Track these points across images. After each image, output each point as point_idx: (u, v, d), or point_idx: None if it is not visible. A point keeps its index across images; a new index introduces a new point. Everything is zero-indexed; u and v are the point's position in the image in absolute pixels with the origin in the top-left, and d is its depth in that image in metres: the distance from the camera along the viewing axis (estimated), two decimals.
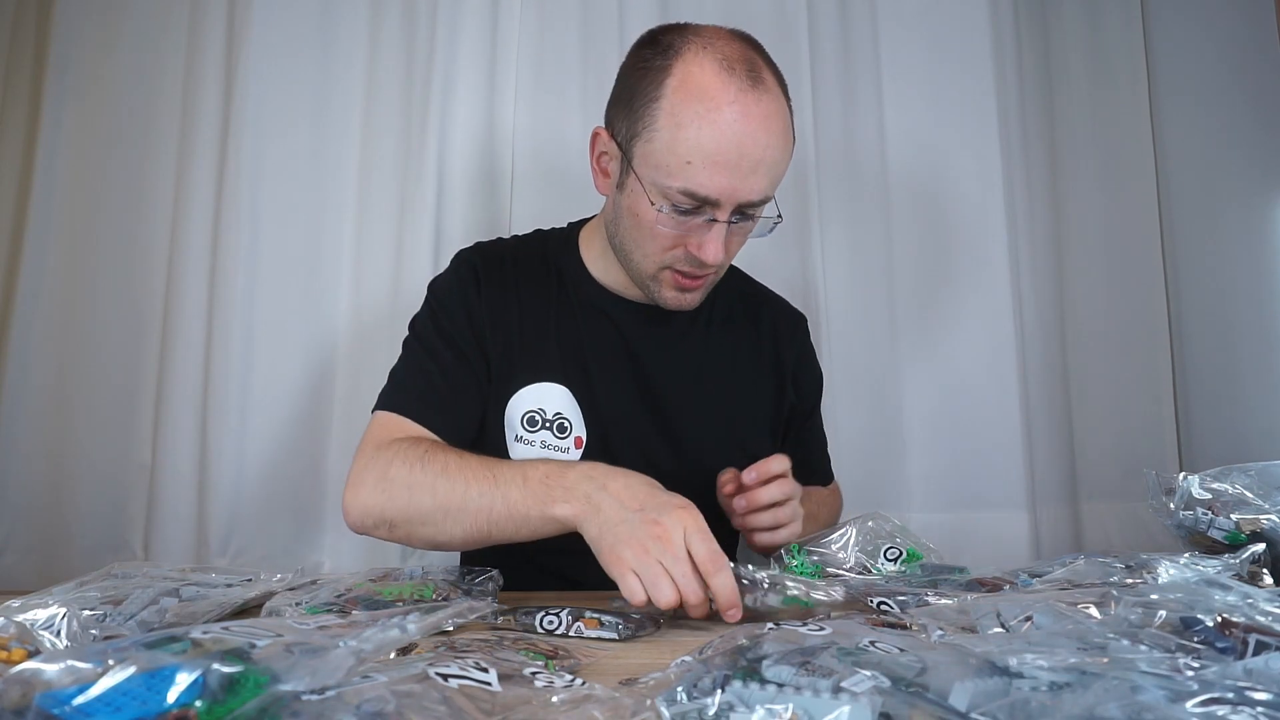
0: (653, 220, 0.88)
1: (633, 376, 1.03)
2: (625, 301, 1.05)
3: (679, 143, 0.84)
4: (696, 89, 0.83)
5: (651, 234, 0.90)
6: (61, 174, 1.42)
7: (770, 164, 0.85)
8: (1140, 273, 1.59)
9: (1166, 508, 0.88)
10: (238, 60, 1.43)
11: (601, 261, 1.05)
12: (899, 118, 1.55)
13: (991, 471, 1.49)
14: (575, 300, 1.05)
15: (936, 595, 0.71)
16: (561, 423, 0.98)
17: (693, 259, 0.90)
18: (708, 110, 0.83)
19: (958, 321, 1.53)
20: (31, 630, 0.57)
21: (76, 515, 1.37)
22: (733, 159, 0.83)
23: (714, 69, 0.84)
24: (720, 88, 0.83)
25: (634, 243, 0.94)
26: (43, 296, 1.39)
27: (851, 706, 0.39)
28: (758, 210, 0.89)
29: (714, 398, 1.05)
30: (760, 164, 0.84)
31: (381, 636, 0.43)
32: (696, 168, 0.83)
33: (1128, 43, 1.62)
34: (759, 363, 1.10)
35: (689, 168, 0.84)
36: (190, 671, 0.37)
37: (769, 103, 0.85)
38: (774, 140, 0.85)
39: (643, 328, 1.04)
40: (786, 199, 1.51)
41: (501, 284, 1.02)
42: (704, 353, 1.07)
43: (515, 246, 1.10)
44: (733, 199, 0.85)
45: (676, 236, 0.90)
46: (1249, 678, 0.42)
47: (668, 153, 0.85)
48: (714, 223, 0.87)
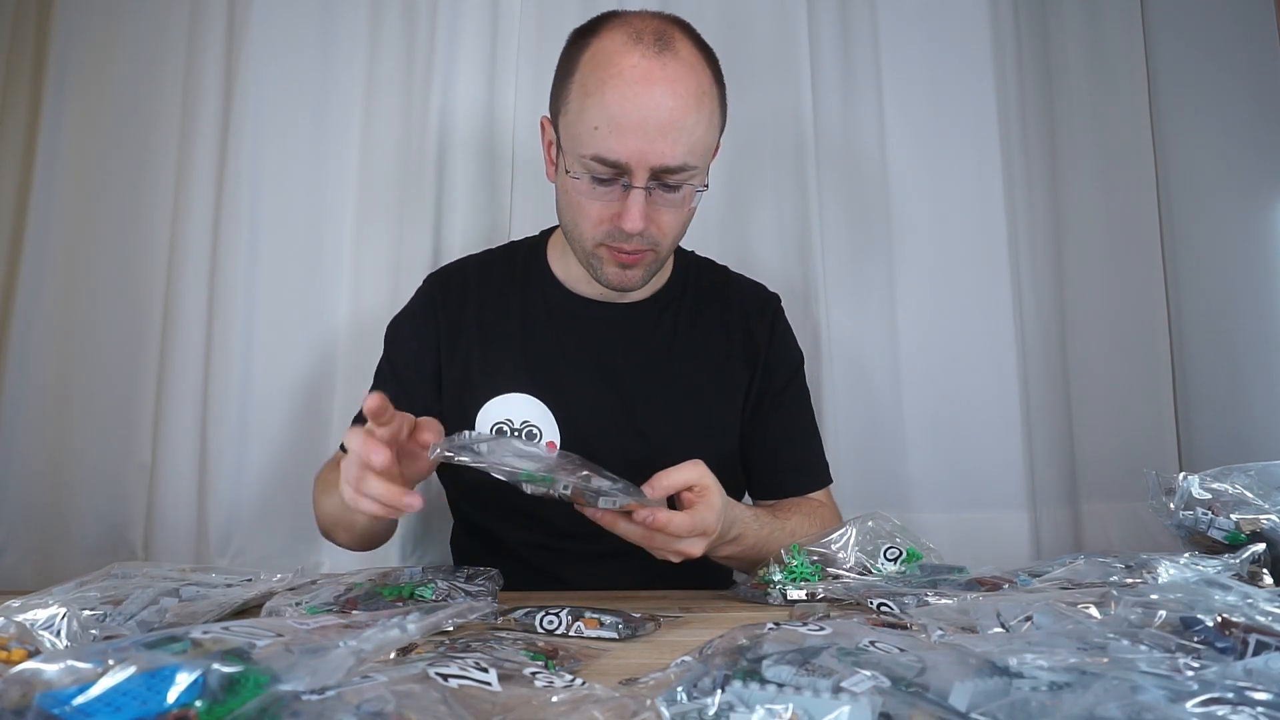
0: (577, 193, 0.90)
1: (603, 378, 1.03)
2: (592, 302, 1.06)
3: (586, 110, 0.86)
4: (603, 58, 0.86)
5: (580, 209, 0.92)
6: (61, 174, 1.42)
7: (681, 129, 0.85)
8: (1140, 273, 1.59)
9: (1166, 508, 0.88)
10: (238, 60, 1.43)
11: (563, 262, 1.07)
12: (899, 115, 1.55)
13: (991, 471, 1.49)
14: (542, 307, 1.06)
15: (936, 595, 0.71)
16: (530, 430, 0.99)
17: (621, 232, 0.90)
18: (610, 76, 0.84)
19: (958, 321, 1.52)
20: (31, 630, 0.57)
21: (76, 515, 1.37)
22: (636, 121, 0.83)
23: (621, 40, 0.86)
24: (623, 55, 0.85)
25: (571, 222, 0.95)
26: (43, 296, 1.39)
27: (851, 706, 0.39)
28: (678, 178, 0.88)
29: (687, 391, 1.05)
30: (669, 128, 0.84)
31: (381, 636, 0.43)
32: (603, 132, 0.84)
33: (1127, 42, 1.62)
34: (730, 350, 1.08)
35: (596, 133, 0.85)
36: (190, 671, 0.37)
37: (676, 67, 0.85)
38: (682, 104, 0.85)
39: (611, 327, 1.05)
40: (786, 195, 1.51)
41: (460, 305, 1.06)
42: (674, 347, 1.06)
43: (479, 265, 1.12)
44: (643, 162, 0.85)
45: (602, 209, 0.90)
46: (1249, 678, 0.42)
47: (579, 122, 0.87)
48: (630, 189, 0.87)
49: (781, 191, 1.52)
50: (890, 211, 1.54)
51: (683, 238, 1.00)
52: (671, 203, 0.91)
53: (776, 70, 1.52)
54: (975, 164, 1.54)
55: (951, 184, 1.55)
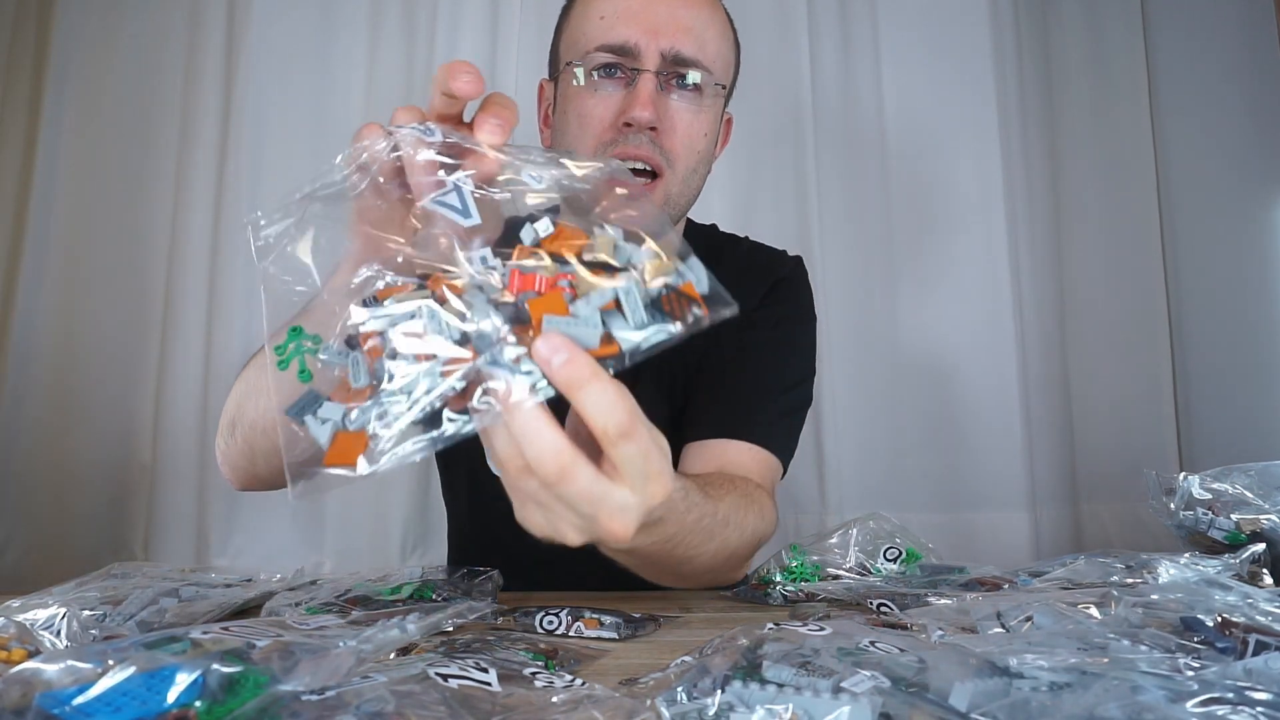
0: (580, 100, 0.82)
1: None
2: None
3: (590, 10, 0.82)
4: None
5: (583, 120, 0.82)
6: (61, 174, 1.42)
7: (694, 19, 0.81)
8: (1140, 273, 1.59)
9: (1167, 508, 0.88)
10: (238, 60, 1.43)
11: None
12: (899, 115, 1.55)
13: (991, 471, 1.49)
14: None
15: (936, 595, 0.71)
16: None
17: (628, 136, 0.80)
18: None
19: (958, 321, 1.52)
20: (31, 630, 0.57)
21: (76, 515, 1.38)
22: (648, 6, 0.80)
23: None
24: None
25: (573, 142, 0.85)
26: (43, 296, 1.39)
27: (851, 707, 0.39)
28: (692, 71, 0.81)
29: (685, 368, 0.97)
30: (680, 14, 0.80)
31: (381, 637, 0.43)
32: (609, 20, 0.80)
33: (1128, 41, 1.62)
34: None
35: (602, 23, 0.80)
36: (190, 672, 0.37)
37: None
38: (695, 9, 0.81)
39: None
40: (786, 194, 1.51)
41: None
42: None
43: None
44: (652, 43, 0.79)
45: (606, 108, 0.81)
46: (1249, 678, 0.42)
47: (582, 22, 0.82)
48: (639, 73, 0.79)
49: (781, 192, 1.52)
50: (891, 212, 1.54)
51: (701, 175, 0.87)
52: (687, 103, 0.82)
53: (776, 73, 1.52)
54: (976, 164, 1.54)
55: (952, 184, 1.55)
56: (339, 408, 0.44)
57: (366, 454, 0.42)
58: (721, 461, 0.84)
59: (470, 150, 0.48)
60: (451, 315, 0.42)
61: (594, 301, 0.42)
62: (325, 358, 0.46)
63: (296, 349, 0.48)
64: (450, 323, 0.42)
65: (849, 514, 1.04)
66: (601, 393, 0.41)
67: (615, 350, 0.41)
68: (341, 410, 0.43)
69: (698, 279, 0.44)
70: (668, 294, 0.42)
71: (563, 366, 0.40)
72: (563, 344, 0.40)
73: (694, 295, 0.43)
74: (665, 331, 0.42)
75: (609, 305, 0.42)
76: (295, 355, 0.48)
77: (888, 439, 1.50)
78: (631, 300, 0.42)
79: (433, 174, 0.48)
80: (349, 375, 0.44)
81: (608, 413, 0.41)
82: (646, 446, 0.43)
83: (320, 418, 0.44)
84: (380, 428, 0.42)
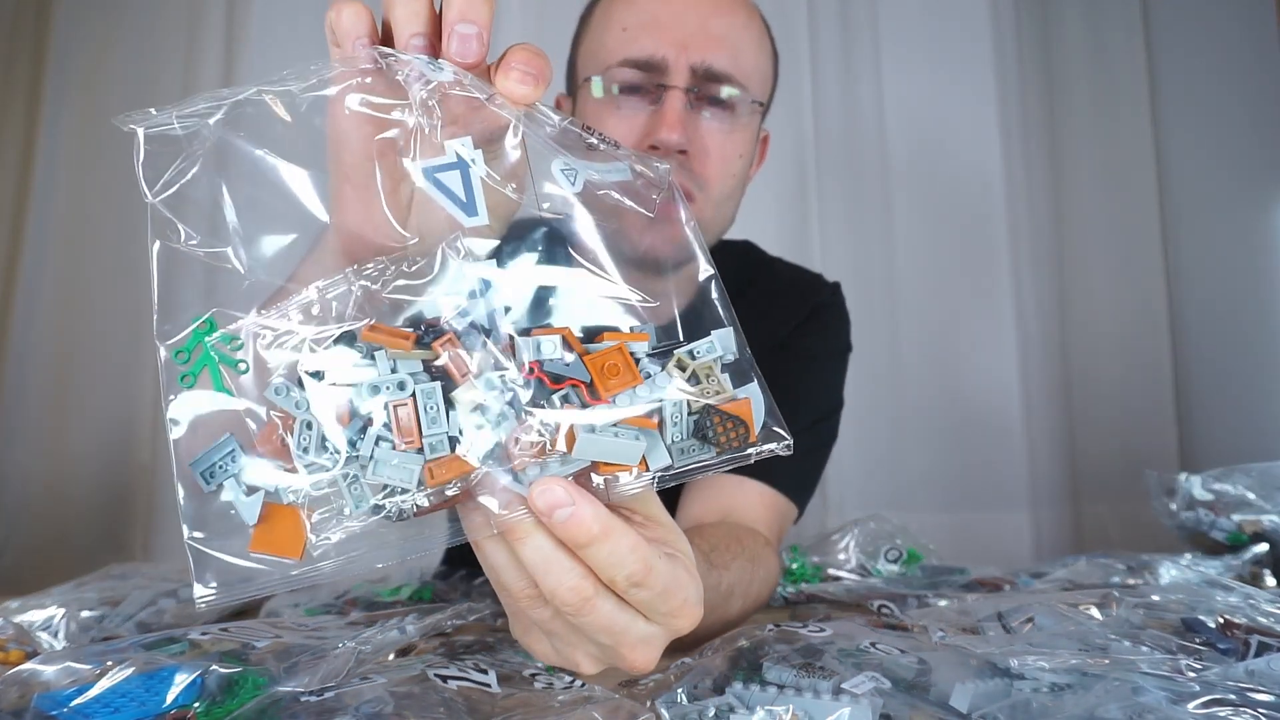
0: (600, 119, 0.73)
1: None
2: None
3: (612, 20, 0.74)
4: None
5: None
6: (61, 173, 1.42)
7: (727, 29, 0.73)
8: (1141, 273, 1.59)
9: (1168, 509, 0.88)
10: (237, 60, 1.43)
11: None
12: (899, 115, 1.55)
13: (992, 471, 1.49)
14: None
15: (937, 596, 0.71)
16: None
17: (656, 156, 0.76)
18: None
19: (959, 322, 1.52)
20: (30, 631, 0.57)
21: (75, 516, 1.37)
22: (673, 14, 0.72)
23: None
24: None
25: None
26: (42, 297, 1.39)
27: (852, 708, 0.39)
28: (726, 90, 0.72)
29: None
30: (711, 24, 0.72)
31: (381, 638, 0.43)
32: (633, 32, 0.72)
33: (1129, 42, 1.62)
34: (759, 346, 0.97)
35: (625, 35, 0.72)
36: (189, 673, 0.37)
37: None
38: (726, 6, 0.74)
39: None
40: (785, 195, 1.51)
41: None
42: None
43: None
44: (682, 56, 0.71)
45: (630, 126, 0.72)
46: (1250, 679, 0.42)
47: (603, 35, 0.75)
48: (666, 89, 0.71)
49: (782, 195, 1.52)
50: (891, 211, 1.54)
51: (736, 199, 0.80)
52: (720, 122, 0.73)
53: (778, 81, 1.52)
54: (976, 164, 1.54)
55: (953, 185, 1.55)
56: (272, 468, 0.32)
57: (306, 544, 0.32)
58: (729, 505, 0.73)
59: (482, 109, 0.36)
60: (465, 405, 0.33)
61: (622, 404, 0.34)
62: (272, 395, 0.33)
63: (206, 356, 0.34)
64: (456, 421, 0.32)
65: (849, 514, 1.04)
66: (610, 552, 0.34)
67: (644, 468, 0.35)
68: (281, 478, 0.32)
69: (755, 404, 0.36)
70: (718, 416, 0.35)
71: (567, 524, 0.33)
72: (564, 494, 0.33)
73: (748, 421, 0.35)
74: (706, 459, 0.35)
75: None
76: (205, 364, 0.34)
77: (888, 439, 1.50)
78: (677, 416, 0.35)
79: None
80: (290, 432, 0.32)
81: (616, 567, 0.35)
82: (666, 585, 0.37)
83: (243, 482, 0.32)
84: (329, 518, 0.32)
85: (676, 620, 0.38)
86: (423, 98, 0.36)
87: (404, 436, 0.32)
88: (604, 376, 0.34)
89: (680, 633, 0.39)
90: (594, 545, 0.34)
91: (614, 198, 0.38)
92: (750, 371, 0.37)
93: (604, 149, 0.38)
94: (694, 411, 0.35)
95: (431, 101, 0.36)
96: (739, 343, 0.37)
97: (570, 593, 0.35)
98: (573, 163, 0.37)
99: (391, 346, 0.33)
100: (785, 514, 0.78)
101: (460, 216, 0.35)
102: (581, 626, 0.36)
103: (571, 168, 0.37)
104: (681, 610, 0.38)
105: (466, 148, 0.36)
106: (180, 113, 0.36)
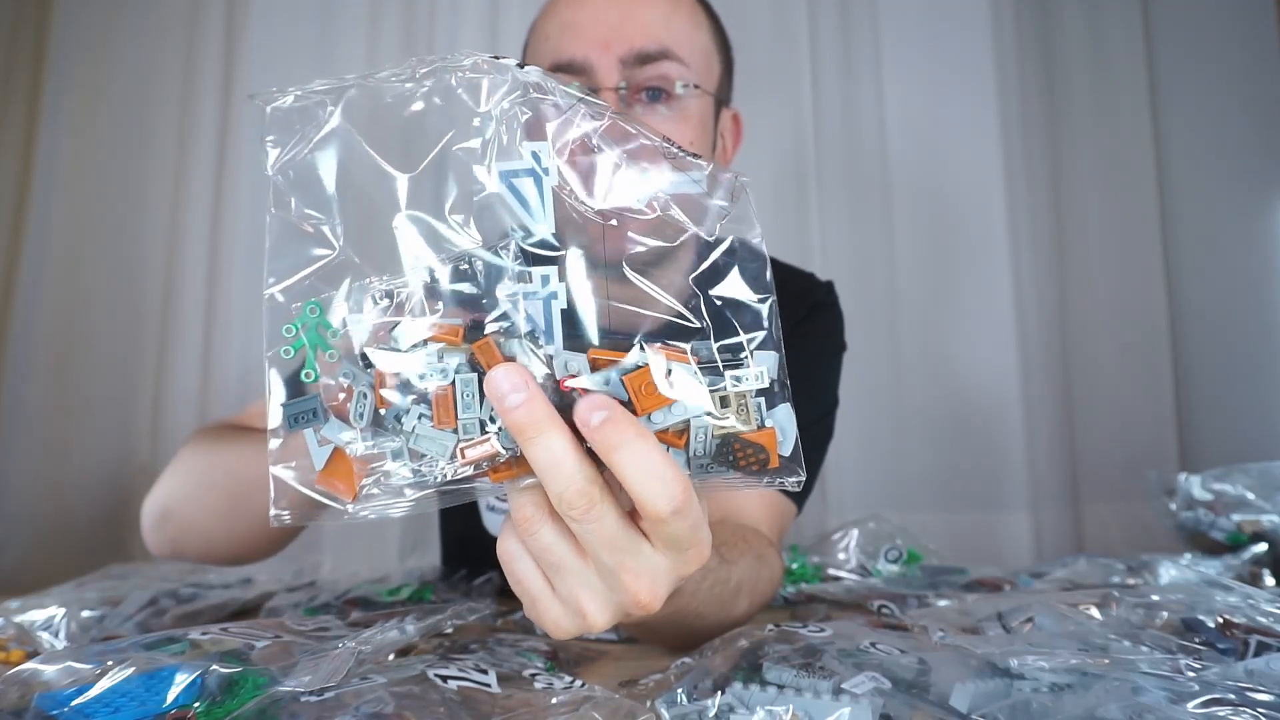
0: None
1: None
2: None
3: (537, 34, 0.76)
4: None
5: None
6: (61, 174, 1.42)
7: (651, 18, 0.71)
8: (1141, 272, 1.59)
9: (1168, 508, 0.88)
10: (237, 60, 1.43)
11: None
12: (900, 115, 1.55)
13: (992, 471, 1.49)
14: None
15: (937, 596, 0.71)
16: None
17: None
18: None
19: (959, 321, 1.52)
20: (30, 631, 0.57)
21: (76, 516, 1.37)
22: (591, 13, 0.71)
23: None
24: None
25: None
26: (42, 297, 1.39)
27: (852, 708, 0.39)
28: (663, 70, 0.70)
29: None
30: (635, 14, 0.70)
31: (380, 638, 0.43)
32: (554, 38, 0.72)
33: (1128, 41, 1.62)
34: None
35: (549, 43, 0.73)
36: (189, 673, 0.37)
37: None
38: (651, 4, 0.72)
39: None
40: (784, 195, 1.51)
41: None
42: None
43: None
44: (605, 55, 0.69)
45: None
46: (1250, 679, 0.42)
47: (534, 50, 0.75)
48: (597, 93, 0.68)
49: (782, 194, 1.52)
50: (891, 211, 1.54)
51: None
52: (660, 113, 0.71)
53: (777, 86, 1.52)
54: (976, 163, 1.54)
55: (952, 184, 1.55)
56: (343, 430, 0.37)
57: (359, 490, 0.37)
58: (730, 504, 0.73)
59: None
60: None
61: (655, 422, 0.36)
62: (340, 374, 0.38)
63: (312, 335, 0.37)
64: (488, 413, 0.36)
65: (849, 514, 1.04)
66: (646, 456, 0.34)
67: None
68: (346, 435, 0.37)
69: (782, 435, 0.37)
70: (738, 443, 0.36)
71: (603, 425, 0.34)
72: (601, 400, 0.34)
73: (772, 450, 0.36)
74: (720, 477, 0.37)
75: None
76: (308, 344, 0.37)
77: (888, 439, 1.50)
78: (702, 435, 0.36)
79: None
80: (350, 400, 0.37)
81: (657, 481, 0.34)
82: (698, 519, 0.36)
83: (320, 435, 0.38)
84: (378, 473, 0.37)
85: (692, 552, 0.38)
86: (504, 107, 0.38)
87: (441, 416, 0.36)
88: (641, 396, 0.36)
89: (686, 572, 0.38)
90: (630, 448, 0.34)
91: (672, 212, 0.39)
92: (784, 393, 0.37)
93: (682, 159, 0.40)
94: (717, 435, 0.36)
95: (516, 109, 0.38)
96: (781, 368, 0.38)
97: (581, 488, 0.35)
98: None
99: (442, 340, 0.37)
100: (785, 514, 0.78)
101: (528, 222, 0.37)
102: (585, 536, 0.36)
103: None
104: (702, 543, 0.38)
105: (543, 154, 0.38)
106: (301, 91, 0.39)
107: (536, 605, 0.39)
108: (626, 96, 0.70)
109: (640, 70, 0.70)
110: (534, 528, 0.37)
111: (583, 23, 0.71)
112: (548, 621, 0.39)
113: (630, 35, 0.70)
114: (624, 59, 0.70)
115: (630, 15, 0.70)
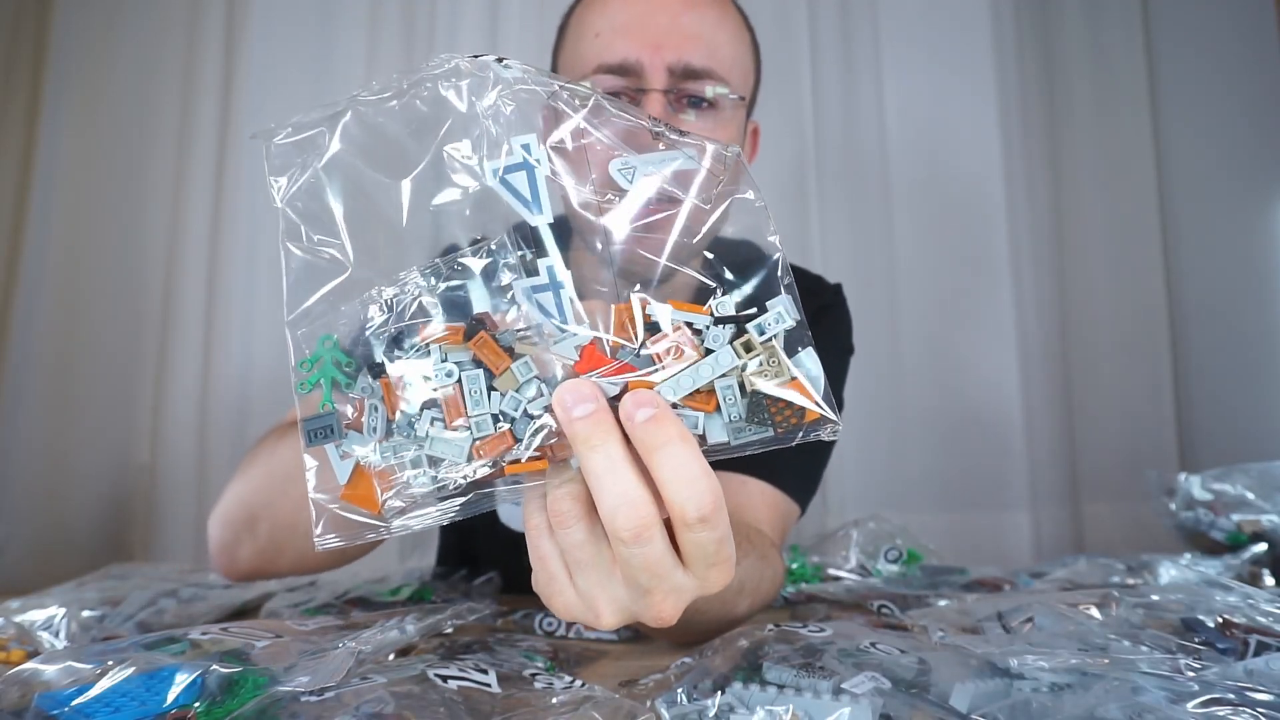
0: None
1: None
2: None
3: (585, 26, 0.74)
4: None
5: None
6: (61, 174, 1.42)
7: (700, 25, 0.72)
8: (1141, 273, 1.59)
9: (1168, 508, 0.88)
10: (237, 61, 1.43)
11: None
12: (900, 114, 1.55)
13: (992, 471, 1.49)
14: None
15: (937, 596, 0.71)
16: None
17: None
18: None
19: (959, 321, 1.52)
20: (31, 631, 0.57)
21: (76, 515, 1.37)
22: (642, 14, 0.72)
23: None
24: None
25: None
26: (43, 297, 1.39)
27: (852, 708, 0.39)
28: (707, 86, 0.72)
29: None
30: (683, 21, 0.71)
31: (381, 638, 0.43)
32: (605, 37, 0.72)
33: (1128, 41, 1.62)
34: None
35: (598, 41, 0.72)
36: (189, 672, 0.37)
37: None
38: (700, 11, 0.73)
39: None
40: (785, 198, 1.51)
41: None
42: None
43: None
44: (656, 57, 0.70)
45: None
46: (1250, 678, 0.42)
47: (577, 46, 0.75)
48: (645, 93, 0.71)
49: (782, 195, 1.52)
50: (891, 211, 1.54)
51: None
52: (704, 122, 0.73)
53: (777, 86, 1.52)
54: (976, 163, 1.54)
55: (953, 185, 1.55)
56: (362, 441, 0.38)
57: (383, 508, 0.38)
58: (732, 504, 0.71)
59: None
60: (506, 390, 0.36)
61: (683, 386, 0.36)
62: (354, 394, 0.38)
63: (325, 369, 0.38)
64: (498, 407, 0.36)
65: (850, 514, 1.04)
66: (686, 461, 0.34)
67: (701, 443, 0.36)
68: (362, 449, 0.38)
69: (811, 383, 0.37)
70: (769, 399, 0.36)
71: (647, 423, 0.34)
72: (649, 396, 0.35)
73: (806, 399, 0.36)
74: (760, 437, 0.36)
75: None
76: (322, 377, 0.38)
77: (889, 439, 1.50)
78: (730, 397, 0.36)
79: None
80: (364, 415, 0.38)
81: (691, 487, 0.34)
82: (725, 534, 0.36)
83: (340, 450, 0.38)
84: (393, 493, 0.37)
85: (715, 572, 0.37)
86: (491, 100, 0.38)
87: (451, 417, 0.36)
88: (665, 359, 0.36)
89: (709, 592, 0.38)
90: (670, 448, 0.34)
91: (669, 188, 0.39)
92: (806, 337, 0.37)
93: (671, 138, 0.40)
94: (746, 394, 0.36)
95: (499, 104, 0.38)
96: (798, 306, 0.37)
97: (635, 509, 0.34)
98: (630, 160, 0.39)
99: (443, 341, 0.37)
100: (788, 514, 0.78)
101: (526, 215, 0.38)
102: (629, 560, 0.35)
103: (629, 165, 0.39)
104: (725, 563, 0.37)
105: (530, 147, 0.38)
106: (297, 121, 0.41)
107: (550, 585, 0.39)
108: (673, 100, 0.72)
109: (686, 84, 0.71)
110: (568, 523, 0.37)
111: (635, 24, 0.71)
112: (557, 604, 0.39)
113: (680, 45, 0.71)
114: (672, 67, 0.71)
115: (678, 22, 0.71)
